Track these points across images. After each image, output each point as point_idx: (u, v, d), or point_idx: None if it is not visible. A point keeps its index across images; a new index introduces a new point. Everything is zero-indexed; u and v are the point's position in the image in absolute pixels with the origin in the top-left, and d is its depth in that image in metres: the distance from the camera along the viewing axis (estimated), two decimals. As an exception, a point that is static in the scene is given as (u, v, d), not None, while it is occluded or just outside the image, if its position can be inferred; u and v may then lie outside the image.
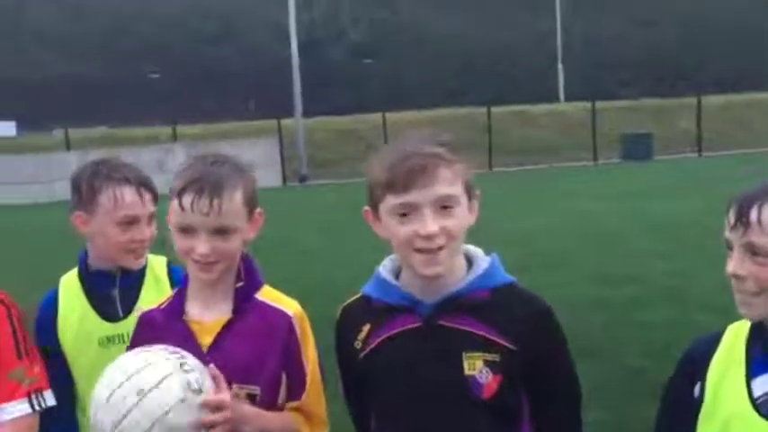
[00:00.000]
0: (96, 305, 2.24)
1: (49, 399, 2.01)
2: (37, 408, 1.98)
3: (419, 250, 1.61)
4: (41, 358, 2.03)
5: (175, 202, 1.75)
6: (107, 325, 2.22)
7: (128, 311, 2.22)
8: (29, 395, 1.97)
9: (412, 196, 1.59)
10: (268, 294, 1.87)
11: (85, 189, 2.20)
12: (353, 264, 8.92)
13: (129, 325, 2.10)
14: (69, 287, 2.29)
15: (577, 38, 78.68)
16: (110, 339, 2.21)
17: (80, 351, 2.22)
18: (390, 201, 1.61)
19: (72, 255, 2.37)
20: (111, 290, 2.25)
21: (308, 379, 1.81)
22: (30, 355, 1.99)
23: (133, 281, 2.27)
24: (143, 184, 2.21)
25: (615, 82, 75.28)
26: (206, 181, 1.73)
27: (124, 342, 2.11)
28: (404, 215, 1.61)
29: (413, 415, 1.66)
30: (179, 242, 1.78)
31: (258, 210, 1.84)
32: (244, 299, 1.83)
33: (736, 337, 1.57)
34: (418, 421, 1.65)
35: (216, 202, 1.72)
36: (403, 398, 1.67)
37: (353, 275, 1.79)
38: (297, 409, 1.80)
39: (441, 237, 1.60)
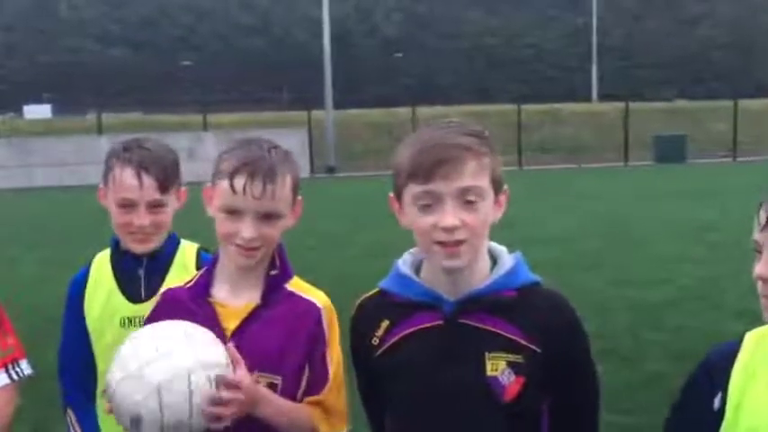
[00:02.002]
0: (122, 284, 2.25)
1: (26, 368, 2.04)
2: (15, 378, 2.01)
3: (439, 243, 1.56)
4: (14, 331, 2.05)
5: (224, 184, 1.71)
6: (130, 305, 2.22)
7: (151, 294, 2.20)
8: (5, 366, 2.00)
9: (434, 186, 1.53)
10: (298, 285, 1.85)
11: (105, 165, 2.22)
12: (376, 256, 8.93)
13: (151, 308, 2.08)
14: (100, 265, 2.30)
15: (614, 36, 77.67)
16: (131, 320, 2.21)
17: (103, 329, 2.23)
18: (412, 189, 1.56)
19: (97, 238, 2.38)
20: (137, 270, 2.24)
21: (331, 373, 1.79)
22: (2, 328, 2.01)
23: (160, 264, 2.24)
24: (146, 168, 2.12)
25: (650, 82, 74.14)
26: (259, 164, 1.70)
27: None
28: (426, 206, 1.56)
29: (430, 415, 1.60)
30: (223, 225, 1.74)
31: (299, 198, 1.83)
32: (274, 287, 1.81)
33: (757, 344, 1.52)
34: (436, 422, 1.60)
35: (269, 186, 1.70)
36: (420, 397, 1.62)
37: (377, 268, 1.77)
38: (316, 404, 1.77)
39: (461, 230, 1.54)
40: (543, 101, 40.37)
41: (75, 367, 2.28)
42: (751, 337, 1.54)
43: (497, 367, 1.58)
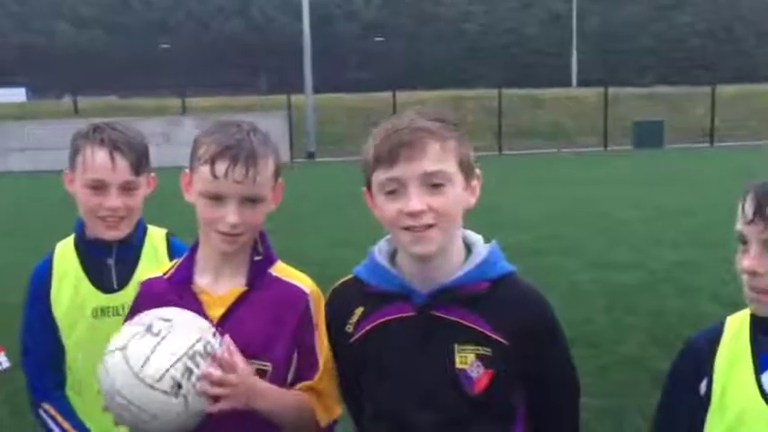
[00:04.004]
0: (91, 274, 2.16)
1: (5, 361, 2.02)
2: None
3: (407, 228, 1.55)
4: None
5: (205, 169, 1.68)
6: (101, 295, 2.15)
7: (123, 283, 2.15)
8: None
9: (397, 171, 1.54)
10: (283, 270, 1.82)
11: (72, 148, 2.15)
12: (352, 242, 8.91)
13: (124, 297, 2.05)
14: (64, 254, 2.20)
15: (594, 22, 77.88)
16: (104, 311, 2.14)
17: (73, 321, 2.15)
18: (378, 176, 1.57)
19: (73, 225, 2.28)
20: (106, 259, 2.16)
21: (321, 359, 1.76)
22: None
23: (131, 251, 2.17)
24: (119, 149, 2.06)
25: (630, 68, 74.44)
26: (241, 148, 1.67)
27: (119, 315, 2.05)
28: (391, 192, 1.56)
29: (401, 405, 1.60)
30: (205, 211, 1.71)
31: (280, 181, 1.81)
32: (259, 273, 1.78)
33: (738, 329, 1.53)
34: (406, 412, 1.60)
35: (251, 171, 1.67)
36: (392, 387, 1.62)
37: (351, 254, 1.76)
38: (310, 389, 1.75)
39: (428, 215, 1.54)
40: (523, 86, 40.43)
41: (43, 362, 2.18)
42: (733, 322, 1.55)
43: (466, 360, 1.58)
